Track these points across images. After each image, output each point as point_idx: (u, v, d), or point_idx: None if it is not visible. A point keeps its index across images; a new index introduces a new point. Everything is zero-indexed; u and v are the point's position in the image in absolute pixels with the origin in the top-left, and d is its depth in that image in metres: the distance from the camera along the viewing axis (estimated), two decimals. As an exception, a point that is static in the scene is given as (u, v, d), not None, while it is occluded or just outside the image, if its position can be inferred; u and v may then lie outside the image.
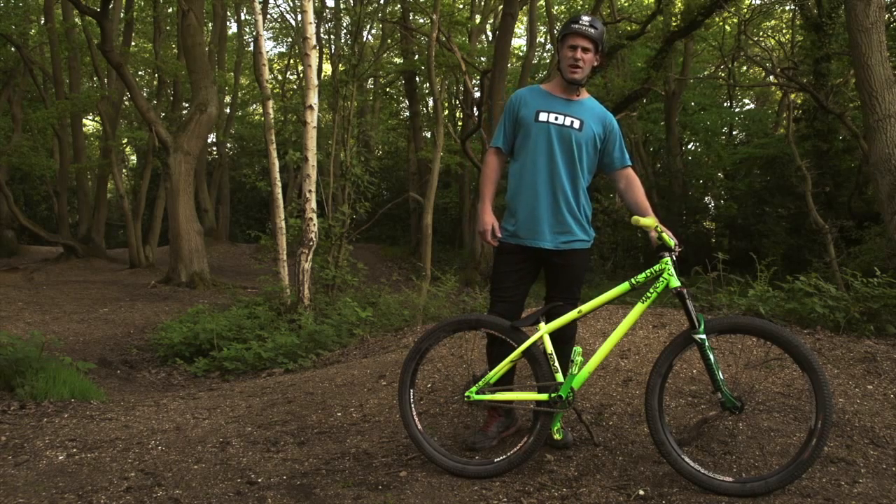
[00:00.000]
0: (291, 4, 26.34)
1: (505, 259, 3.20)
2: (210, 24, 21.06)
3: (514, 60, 21.95)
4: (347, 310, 7.48)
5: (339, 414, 3.90)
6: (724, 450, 3.07)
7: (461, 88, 21.49)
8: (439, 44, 16.49)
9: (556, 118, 3.09)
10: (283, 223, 9.38)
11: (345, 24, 23.47)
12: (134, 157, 27.96)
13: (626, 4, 22.59)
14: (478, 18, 23.15)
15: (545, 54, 25.92)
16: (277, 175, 9.79)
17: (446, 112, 23.78)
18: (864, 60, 6.81)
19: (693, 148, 24.60)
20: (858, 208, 15.71)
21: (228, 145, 26.16)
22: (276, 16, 27.79)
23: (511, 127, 3.20)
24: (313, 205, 7.83)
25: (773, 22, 21.21)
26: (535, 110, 3.11)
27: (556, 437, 3.09)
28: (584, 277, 3.24)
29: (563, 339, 3.16)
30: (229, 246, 21.77)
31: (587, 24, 3.04)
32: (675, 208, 20.42)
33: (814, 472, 2.81)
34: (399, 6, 20.93)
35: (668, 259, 2.88)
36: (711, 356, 2.76)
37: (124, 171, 25.22)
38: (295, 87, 26.93)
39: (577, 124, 3.09)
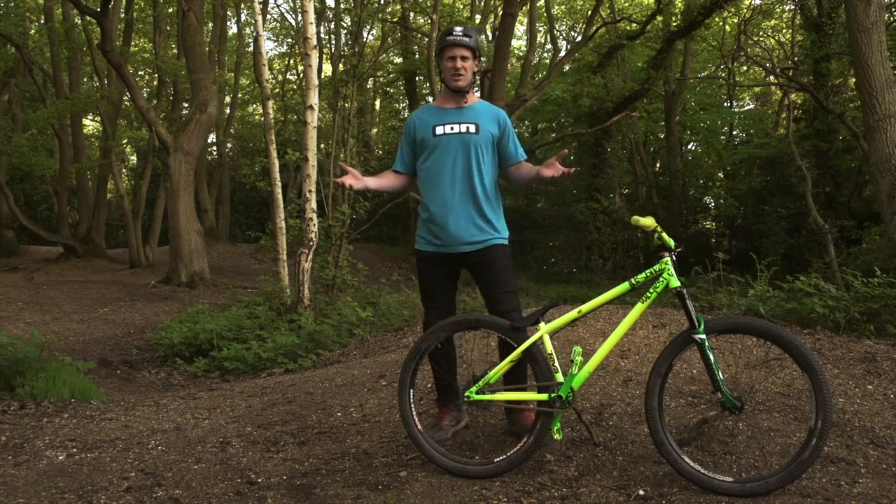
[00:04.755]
0: (291, 4, 26.34)
1: (426, 267, 3.33)
2: (210, 24, 21.05)
3: (514, 60, 21.95)
4: (347, 310, 7.48)
5: (339, 414, 3.90)
6: (724, 450, 3.07)
7: (461, 88, 21.46)
8: (439, 44, 16.48)
9: (453, 128, 3.23)
10: (283, 223, 9.38)
11: (345, 24, 23.48)
12: (134, 157, 27.96)
13: (626, 4, 22.59)
14: (478, 18, 23.14)
15: (545, 54, 25.93)
16: (277, 175, 9.79)
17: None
18: (864, 60, 6.82)
19: (693, 148, 24.61)
20: (858, 208, 15.72)
21: (228, 145, 26.14)
22: (276, 16, 27.82)
23: (409, 150, 3.36)
24: (313, 205, 7.83)
25: (773, 22, 21.20)
26: (432, 126, 3.26)
27: (556, 436, 3.09)
28: (513, 273, 3.28)
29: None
30: (229, 246, 21.76)
31: (461, 34, 3.18)
32: (675, 208, 20.43)
33: (814, 472, 2.81)
34: (399, 6, 20.93)
35: (667, 259, 2.88)
36: (711, 356, 2.76)
37: (124, 171, 25.21)
38: (295, 87, 26.92)
39: (472, 128, 3.23)
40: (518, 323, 3.03)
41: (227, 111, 25.01)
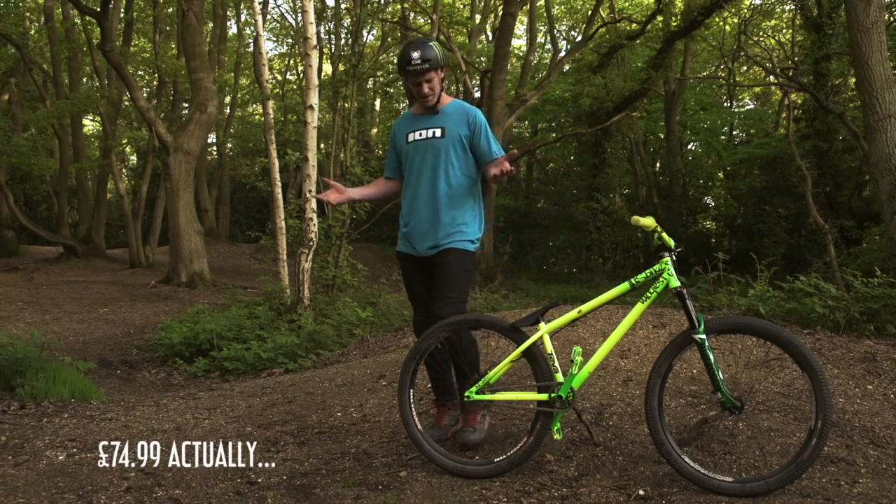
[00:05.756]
0: (291, 4, 26.34)
1: (404, 267, 3.44)
2: (210, 24, 21.05)
3: (514, 60, 21.94)
4: (347, 310, 7.48)
5: (339, 414, 3.90)
6: (724, 450, 3.07)
7: (461, 88, 21.48)
8: (439, 44, 16.49)
9: (421, 134, 3.32)
10: (283, 223, 9.38)
11: (345, 24, 23.47)
12: (134, 157, 27.95)
13: (626, 4, 22.58)
14: (478, 18, 23.15)
15: (545, 54, 25.93)
16: (277, 175, 9.79)
17: (446, 112, 23.70)
18: (864, 60, 6.81)
19: (693, 148, 24.61)
20: (858, 208, 15.72)
21: (228, 145, 26.14)
22: (276, 16, 27.82)
23: (394, 155, 3.47)
24: (313, 205, 7.83)
25: (773, 22, 21.20)
26: (405, 133, 3.37)
27: (556, 436, 3.09)
28: (464, 281, 3.28)
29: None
30: (229, 246, 21.76)
31: (419, 61, 3.17)
32: (675, 208, 20.43)
33: (814, 472, 2.81)
34: (399, 6, 20.91)
35: (667, 259, 2.88)
36: (711, 356, 2.76)
37: (124, 171, 25.20)
38: (295, 87, 26.92)
39: (438, 132, 3.29)
40: (518, 323, 3.03)
41: (227, 111, 25.01)
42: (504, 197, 21.21)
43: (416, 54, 3.18)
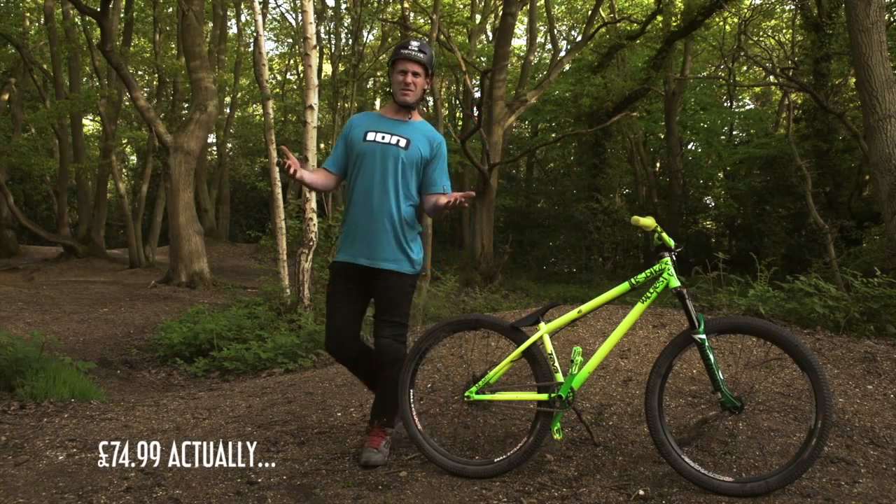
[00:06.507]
0: (291, 4, 26.34)
1: (336, 281, 3.22)
2: (210, 24, 21.05)
3: (514, 60, 21.94)
4: (347, 310, 7.46)
5: (339, 414, 3.90)
6: (724, 450, 3.07)
7: (461, 88, 21.49)
8: (439, 44, 16.49)
9: (383, 137, 3.14)
10: (283, 223, 9.37)
11: (345, 24, 23.48)
12: (134, 157, 27.96)
13: (626, 4, 22.58)
14: (478, 18, 23.14)
15: (545, 54, 25.93)
16: (277, 175, 9.79)
17: (446, 112, 23.79)
18: (864, 60, 6.81)
19: (693, 148, 24.61)
20: (858, 208, 15.71)
21: (228, 145, 26.16)
22: (276, 16, 27.82)
23: (343, 148, 3.25)
24: (313, 205, 7.83)
25: (773, 22, 21.20)
26: (364, 131, 3.18)
27: (556, 436, 3.09)
28: (408, 305, 3.18)
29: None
30: (229, 246, 21.76)
31: (416, 49, 3.12)
32: (675, 208, 20.43)
33: (814, 472, 2.81)
34: (399, 6, 20.92)
35: (667, 259, 2.88)
36: (711, 356, 2.76)
37: (124, 171, 25.20)
38: (295, 86, 26.92)
39: (403, 142, 3.13)
40: (518, 323, 3.02)
41: (227, 111, 25.01)
42: (504, 197, 21.22)
43: (415, 44, 3.15)
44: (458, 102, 24.36)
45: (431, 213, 3.24)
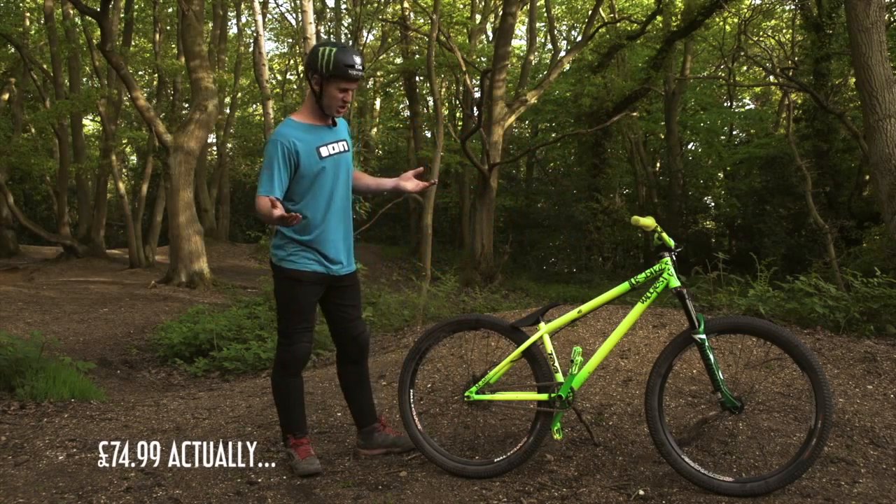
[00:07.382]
0: (292, 4, 26.34)
1: (310, 289, 3.10)
2: (210, 24, 21.06)
3: (514, 60, 21.94)
4: (347, 310, 7.45)
5: (339, 414, 3.90)
6: (724, 450, 3.07)
7: (461, 88, 21.49)
8: (439, 44, 16.49)
9: (333, 148, 3.09)
10: (282, 223, 9.34)
11: (345, 24, 23.49)
12: (134, 157, 27.96)
13: (626, 4, 22.58)
14: (478, 18, 23.14)
15: (545, 54, 25.92)
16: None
17: (446, 112, 23.79)
18: (864, 60, 6.81)
19: (693, 148, 24.62)
20: (858, 208, 15.72)
21: (228, 145, 26.16)
22: (276, 16, 27.83)
23: (291, 172, 3.00)
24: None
25: (773, 22, 21.20)
26: (314, 147, 3.03)
27: (556, 436, 3.09)
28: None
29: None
30: (229, 246, 21.75)
31: (360, 68, 2.96)
32: (675, 208, 20.44)
33: (814, 472, 2.81)
34: (399, 6, 20.93)
35: (667, 259, 2.88)
36: (711, 356, 2.76)
37: (124, 171, 25.20)
38: (295, 87, 26.93)
39: (343, 146, 3.16)
40: (518, 323, 3.03)
41: (227, 111, 25.01)
42: (504, 197, 21.23)
43: (358, 59, 2.96)
44: (458, 102, 24.36)
45: (364, 193, 3.36)
